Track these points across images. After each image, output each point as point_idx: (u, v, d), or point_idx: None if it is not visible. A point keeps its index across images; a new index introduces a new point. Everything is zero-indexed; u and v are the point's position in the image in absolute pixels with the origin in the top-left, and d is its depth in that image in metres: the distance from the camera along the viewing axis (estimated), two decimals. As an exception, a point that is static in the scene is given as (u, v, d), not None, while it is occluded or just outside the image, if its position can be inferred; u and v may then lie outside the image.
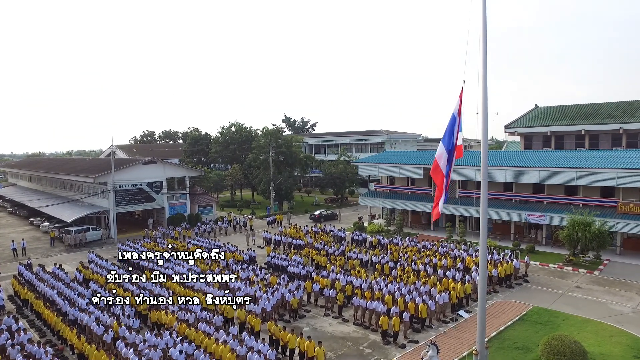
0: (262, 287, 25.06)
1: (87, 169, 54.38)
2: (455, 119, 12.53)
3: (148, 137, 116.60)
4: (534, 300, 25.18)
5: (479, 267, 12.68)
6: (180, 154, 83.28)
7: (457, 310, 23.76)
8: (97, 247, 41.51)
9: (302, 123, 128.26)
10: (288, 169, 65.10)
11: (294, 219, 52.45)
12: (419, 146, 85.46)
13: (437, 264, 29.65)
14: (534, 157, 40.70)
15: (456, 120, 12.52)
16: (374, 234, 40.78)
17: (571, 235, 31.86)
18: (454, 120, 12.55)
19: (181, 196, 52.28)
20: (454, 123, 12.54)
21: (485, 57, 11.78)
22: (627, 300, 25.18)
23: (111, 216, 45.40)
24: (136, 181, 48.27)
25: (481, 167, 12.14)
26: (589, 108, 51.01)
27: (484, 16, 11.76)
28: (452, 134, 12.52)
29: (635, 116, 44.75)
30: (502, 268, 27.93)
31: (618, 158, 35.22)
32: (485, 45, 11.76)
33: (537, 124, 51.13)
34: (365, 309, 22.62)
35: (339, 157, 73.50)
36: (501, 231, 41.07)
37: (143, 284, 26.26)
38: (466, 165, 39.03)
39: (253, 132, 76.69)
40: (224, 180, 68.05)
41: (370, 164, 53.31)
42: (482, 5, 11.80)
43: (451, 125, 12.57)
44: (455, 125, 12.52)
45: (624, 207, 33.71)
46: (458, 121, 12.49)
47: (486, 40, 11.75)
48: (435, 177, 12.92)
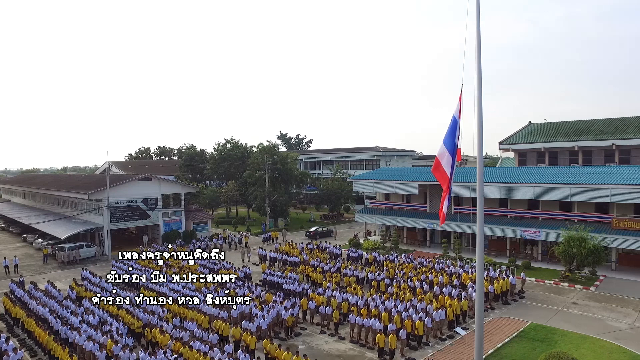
0: (257, 304, 24.86)
1: (82, 185, 54.14)
2: (456, 121, 12.62)
3: (143, 154, 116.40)
4: (530, 317, 25.08)
5: (477, 284, 12.61)
6: (175, 170, 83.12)
7: (454, 327, 23.62)
8: (90, 264, 41.12)
9: (297, 140, 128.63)
10: (283, 185, 65.07)
11: (290, 236, 52.25)
12: (414, 163, 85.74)
13: (434, 280, 29.54)
14: (529, 173, 40.95)
15: (457, 122, 12.60)
16: (370, 251, 40.66)
17: (567, 251, 31.91)
18: (455, 123, 12.63)
19: (176, 213, 52.04)
20: (455, 125, 12.62)
21: (480, 75, 11.91)
22: (624, 316, 25.12)
23: (105, 233, 45.09)
24: (131, 198, 48.08)
25: (477, 183, 12.18)
26: (581, 124, 51.54)
27: (478, 38, 11.93)
28: (453, 135, 12.60)
29: (627, 132, 45.24)
30: (498, 284, 27.85)
31: (611, 174, 35.49)
32: (480, 64, 11.89)
33: (531, 140, 51.55)
34: (361, 327, 22.44)
35: (335, 173, 73.61)
36: (497, 247, 41.08)
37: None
38: (462, 181, 39.18)
39: (248, 149, 76.80)
40: (219, 196, 67.88)
41: (366, 180, 53.41)
42: (476, 29, 11.97)
43: (452, 126, 12.65)
44: (456, 127, 12.60)
45: (618, 223, 33.85)
46: (458, 124, 12.58)
47: (480, 59, 11.89)
48: (439, 176, 12.92)
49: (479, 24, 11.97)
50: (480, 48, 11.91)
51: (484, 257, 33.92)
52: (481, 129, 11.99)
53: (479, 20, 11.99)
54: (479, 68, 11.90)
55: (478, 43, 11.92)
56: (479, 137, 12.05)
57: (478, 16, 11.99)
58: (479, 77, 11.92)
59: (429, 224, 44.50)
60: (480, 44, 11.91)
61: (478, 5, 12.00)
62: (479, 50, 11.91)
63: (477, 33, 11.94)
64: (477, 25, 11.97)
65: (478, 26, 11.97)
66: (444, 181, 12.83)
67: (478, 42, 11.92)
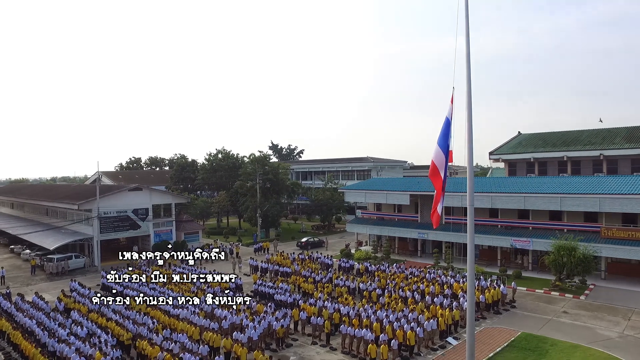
0: (248, 315, 24.70)
1: (72, 195, 53.68)
2: (449, 122, 12.76)
3: (134, 164, 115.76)
4: (522, 326, 25.15)
5: (468, 294, 12.64)
6: (166, 180, 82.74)
7: (445, 337, 23.61)
8: (79, 275, 40.67)
9: (289, 150, 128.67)
10: (275, 196, 64.96)
11: (281, 246, 52.09)
12: (406, 173, 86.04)
13: (425, 290, 29.55)
14: (519, 183, 41.28)
15: (450, 124, 12.75)
16: (361, 261, 40.63)
17: (557, 261, 32.12)
18: (448, 124, 12.78)
19: (167, 223, 51.73)
20: (448, 126, 12.77)
21: (470, 88, 12.05)
22: (614, 325, 25.27)
23: (95, 243, 44.66)
24: (121, 208, 47.74)
25: (467, 193, 12.27)
26: (570, 135, 52.15)
27: (467, 52, 12.09)
28: (446, 136, 12.75)
29: (614, 143, 45.84)
30: (489, 294, 27.93)
31: (600, 184, 35.90)
32: (469, 78, 12.04)
33: (521, 150, 52.03)
34: (353, 337, 22.35)
35: (326, 184, 73.63)
36: (488, 257, 41.23)
37: (127, 313, 25.75)
38: (452, 191, 39.34)
39: (240, 159, 76.66)
40: (210, 207, 67.60)
41: (357, 190, 53.50)
42: (465, 43, 12.13)
43: (446, 128, 12.80)
44: (449, 128, 12.75)
45: (607, 232, 34.16)
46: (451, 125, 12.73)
47: (470, 73, 12.04)
48: (435, 181, 13.02)
49: (468, 38, 12.13)
50: (469, 63, 12.05)
51: (475, 267, 34.14)
52: (471, 141, 12.10)
53: (468, 34, 12.15)
54: (468, 81, 12.05)
55: (467, 57, 12.07)
56: (469, 148, 12.16)
57: (467, 30, 12.16)
58: (468, 89, 12.06)
59: (420, 234, 44.59)
60: (469, 58, 12.06)
61: (467, 19, 12.18)
62: (469, 64, 12.06)
63: (467, 47, 12.11)
64: (467, 39, 12.14)
65: (467, 40, 12.13)
66: (438, 183, 12.93)
67: (467, 57, 12.07)
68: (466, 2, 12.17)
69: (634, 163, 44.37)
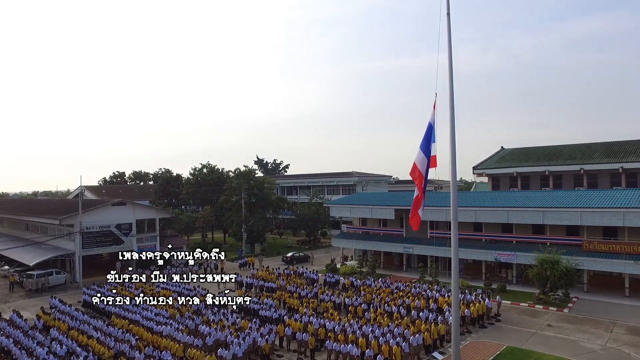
0: (233, 331, 24.40)
1: (53, 210, 52.85)
2: (431, 127, 12.97)
3: (118, 178, 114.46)
4: (507, 340, 25.24)
5: (452, 308, 12.72)
6: (150, 195, 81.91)
7: (431, 351, 23.58)
8: (60, 291, 39.86)
9: (274, 165, 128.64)
10: (260, 210, 64.70)
11: (266, 262, 51.72)
12: (391, 188, 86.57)
13: (411, 305, 29.55)
14: (502, 197, 41.78)
15: (432, 129, 12.95)
16: (347, 276, 40.53)
17: (540, 274, 32.40)
18: (431, 129, 12.98)
19: (151, 238, 51.13)
20: (431, 132, 12.97)
21: (452, 103, 12.27)
22: (596, 337, 25.52)
23: (77, 259, 43.89)
24: (104, 223, 47.09)
25: (451, 207, 12.42)
26: (551, 150, 53.11)
27: (450, 68, 12.33)
28: (429, 141, 12.96)
29: (593, 158, 46.82)
30: (474, 308, 28.03)
31: (581, 198, 36.53)
32: (452, 91, 12.26)
33: (504, 165, 52.75)
34: (338, 353, 22.21)
35: (311, 198, 73.62)
36: (473, 271, 41.44)
37: (108, 330, 25.27)
38: (437, 206, 39.70)
39: (225, 174, 76.36)
40: (195, 222, 67.02)
41: (343, 205, 53.59)
42: (448, 60, 12.37)
43: (428, 133, 13.01)
44: (431, 133, 12.96)
45: (588, 245, 34.66)
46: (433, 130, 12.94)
47: (452, 88, 12.27)
48: (416, 179, 13.18)
49: (451, 56, 12.39)
50: (452, 80, 12.30)
51: (461, 281, 34.31)
52: (454, 157, 12.29)
53: (450, 51, 12.40)
54: (451, 97, 12.27)
55: (450, 79, 12.31)
56: (452, 164, 12.35)
57: (450, 47, 12.42)
58: (451, 105, 12.28)
59: (405, 249, 44.70)
60: (452, 77, 12.31)
61: (449, 37, 12.45)
62: (451, 82, 12.30)
63: (449, 66, 12.35)
64: (449, 57, 12.39)
65: (450, 58, 12.38)
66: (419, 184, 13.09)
67: (450, 79, 12.31)
68: (448, 21, 12.46)
69: (612, 177, 45.29)
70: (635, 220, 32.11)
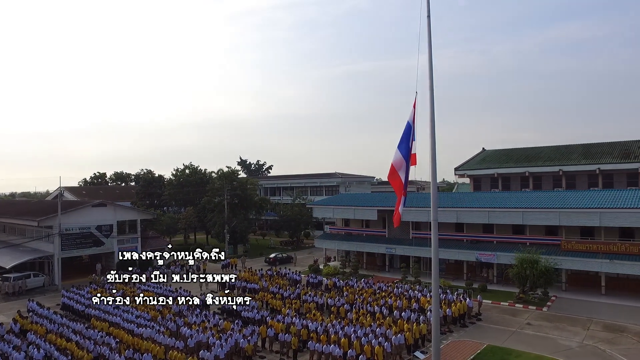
0: (215, 333, 24.26)
1: (32, 211, 51.89)
2: (410, 127, 12.99)
3: (99, 179, 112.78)
4: (487, 339, 25.57)
5: (433, 308, 12.85)
6: (132, 196, 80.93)
7: (413, 351, 23.77)
8: (38, 294, 39.14)
9: (257, 166, 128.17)
10: (243, 211, 64.43)
11: (249, 263, 51.55)
12: (373, 188, 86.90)
13: (393, 305, 29.73)
14: (483, 198, 42.31)
15: (411, 128, 12.98)
16: (330, 277, 40.61)
17: (520, 273, 32.89)
18: (409, 128, 13.00)
19: (132, 240, 50.54)
20: (410, 131, 12.99)
21: (433, 104, 12.40)
22: (573, 335, 26.02)
23: (56, 261, 43.16)
24: (85, 224, 46.41)
25: (431, 208, 12.55)
26: (531, 151, 53.96)
27: (430, 70, 12.46)
28: (407, 140, 12.97)
29: (572, 159, 47.71)
30: (456, 307, 28.33)
31: (559, 198, 37.21)
32: (432, 93, 12.40)
33: (485, 166, 53.41)
34: (321, 353, 22.25)
35: (294, 199, 73.58)
36: (454, 271, 41.88)
37: (88, 333, 24.93)
38: (419, 207, 40.06)
39: (208, 175, 75.84)
40: (177, 223, 66.45)
41: (325, 206, 53.68)
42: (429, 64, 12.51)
43: (407, 132, 13.01)
44: (410, 132, 12.97)
45: (567, 245, 35.34)
46: (413, 129, 12.97)
47: (433, 90, 12.41)
48: (393, 182, 13.23)
49: (431, 58, 12.52)
50: (432, 82, 12.43)
51: (442, 281, 34.63)
52: (434, 158, 12.43)
53: (430, 54, 12.54)
54: (431, 99, 12.41)
55: (430, 78, 12.45)
56: (432, 165, 12.49)
57: (430, 50, 12.56)
58: (431, 107, 12.42)
59: (388, 249, 44.96)
60: (432, 79, 12.44)
61: (430, 39, 12.58)
62: (432, 84, 12.43)
63: (430, 68, 12.48)
64: (430, 59, 12.52)
65: (430, 64, 12.51)
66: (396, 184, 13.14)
67: (431, 77, 12.45)
68: (428, 24, 12.59)
69: (590, 178, 46.20)
70: (611, 220, 32.83)
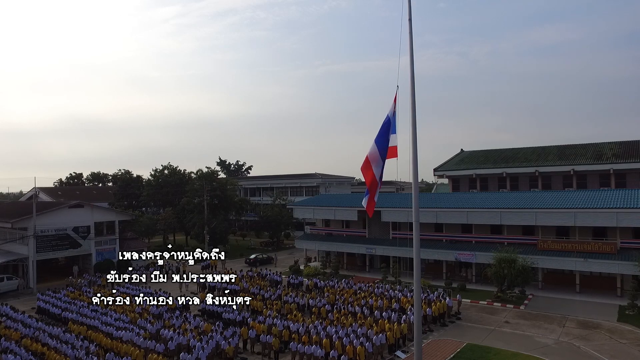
0: (195, 335, 24.08)
1: (5, 213, 50.60)
2: (389, 120, 13.09)
3: (75, 180, 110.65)
4: (467, 337, 25.96)
5: (414, 307, 13.00)
6: (109, 197, 79.62)
7: (394, 350, 23.98)
8: (12, 298, 38.23)
9: (237, 166, 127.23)
10: (223, 212, 64.03)
11: (229, 264, 51.24)
12: (353, 189, 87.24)
13: (373, 305, 29.93)
14: (462, 198, 42.89)
15: (390, 121, 13.08)
16: (311, 277, 40.67)
17: (498, 273, 33.44)
18: (389, 122, 13.10)
19: (110, 241, 49.73)
20: (388, 124, 13.08)
21: (414, 105, 12.55)
22: (550, 332, 26.59)
23: (31, 264, 42.20)
24: (61, 226, 45.51)
25: (413, 209, 12.70)
26: (509, 152, 54.93)
27: (412, 71, 12.61)
28: (386, 134, 13.06)
29: (548, 160, 48.75)
30: (435, 307, 28.67)
31: (535, 198, 37.98)
32: (414, 94, 12.55)
33: (463, 167, 54.14)
34: (303, 354, 22.29)
35: (274, 200, 73.41)
36: (434, 271, 42.33)
37: (65, 337, 24.47)
38: (399, 207, 40.39)
39: (187, 175, 75.11)
40: (156, 224, 65.64)
41: (306, 207, 53.69)
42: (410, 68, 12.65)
43: (386, 126, 13.10)
44: (389, 126, 13.06)
45: (543, 244, 36.10)
46: (393, 123, 13.07)
47: (414, 90, 12.56)
48: (365, 174, 13.28)
49: (412, 60, 12.67)
50: (413, 83, 12.58)
51: (422, 281, 34.98)
52: (415, 159, 12.58)
53: (412, 56, 12.70)
54: (412, 101, 12.56)
55: (412, 79, 12.60)
56: (413, 166, 12.64)
57: (411, 52, 12.71)
58: (413, 111, 12.57)
59: (368, 250, 45.21)
60: (413, 80, 12.58)
61: (411, 41, 12.74)
62: (413, 87, 12.58)
63: (411, 69, 12.63)
64: (411, 64, 12.67)
65: (412, 65, 12.66)
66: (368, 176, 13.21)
67: (412, 79, 12.60)
68: (409, 26, 12.76)
69: (565, 179, 47.27)
70: (584, 220, 33.67)
